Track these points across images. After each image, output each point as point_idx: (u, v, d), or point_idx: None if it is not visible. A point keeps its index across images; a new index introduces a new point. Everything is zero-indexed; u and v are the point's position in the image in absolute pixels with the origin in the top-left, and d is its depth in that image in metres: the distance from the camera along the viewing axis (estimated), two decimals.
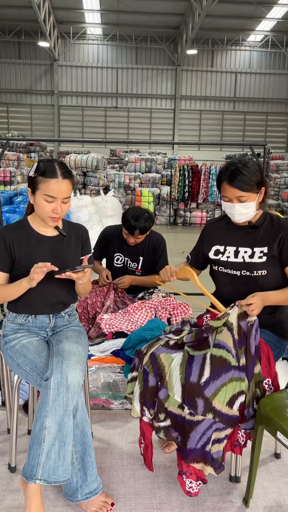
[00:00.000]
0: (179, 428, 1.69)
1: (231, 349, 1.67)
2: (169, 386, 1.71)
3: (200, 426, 1.64)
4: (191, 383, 1.65)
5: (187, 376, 1.67)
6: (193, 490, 1.70)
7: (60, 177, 1.78)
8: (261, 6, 16.92)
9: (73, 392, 1.66)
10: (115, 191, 10.75)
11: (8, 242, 1.84)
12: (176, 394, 1.68)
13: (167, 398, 1.71)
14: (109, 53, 21.72)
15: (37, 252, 1.87)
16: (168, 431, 1.73)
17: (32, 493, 1.64)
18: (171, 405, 1.70)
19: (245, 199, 1.87)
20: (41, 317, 1.93)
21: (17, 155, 11.08)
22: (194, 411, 1.63)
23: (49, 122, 22.15)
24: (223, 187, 1.91)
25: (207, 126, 22.53)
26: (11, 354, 1.85)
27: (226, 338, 1.69)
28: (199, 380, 1.64)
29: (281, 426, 1.56)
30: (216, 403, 1.62)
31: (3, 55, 21.44)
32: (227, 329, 1.70)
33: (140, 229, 2.73)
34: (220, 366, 1.65)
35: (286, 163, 15.27)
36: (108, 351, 2.43)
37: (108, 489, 1.89)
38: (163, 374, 1.74)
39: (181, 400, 1.67)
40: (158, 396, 1.75)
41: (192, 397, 1.63)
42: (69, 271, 1.73)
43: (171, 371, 1.72)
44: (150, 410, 1.78)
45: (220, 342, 1.69)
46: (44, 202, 1.79)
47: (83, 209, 6.67)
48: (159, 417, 1.74)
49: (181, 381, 1.68)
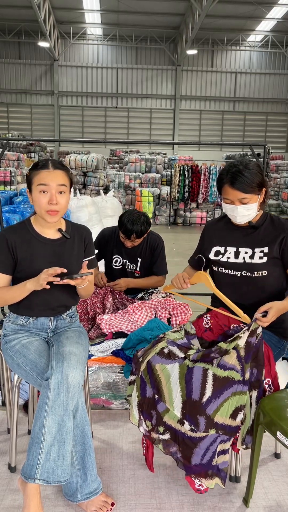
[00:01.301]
0: (180, 444, 1.66)
1: (236, 366, 1.66)
2: (168, 400, 1.68)
3: (203, 442, 1.62)
4: (192, 401, 1.62)
5: (188, 393, 1.64)
6: (203, 487, 1.70)
7: (51, 168, 1.79)
8: (261, 6, 16.92)
9: (73, 392, 1.66)
10: (115, 191, 10.75)
11: (10, 244, 1.83)
12: (176, 409, 1.66)
13: (166, 412, 1.69)
14: (109, 53, 21.72)
15: (39, 254, 1.85)
16: (167, 445, 1.71)
17: (31, 493, 1.64)
18: (170, 419, 1.68)
19: (247, 200, 1.86)
20: (42, 319, 1.93)
21: (17, 155, 11.08)
22: (195, 428, 1.61)
23: (49, 122, 22.15)
24: (224, 189, 1.90)
25: (207, 126, 22.53)
26: (11, 354, 1.85)
27: (231, 359, 1.67)
28: (200, 398, 1.61)
29: (281, 426, 1.56)
30: (218, 418, 1.61)
31: (3, 55, 21.44)
32: (235, 351, 1.68)
33: (137, 233, 2.71)
34: (223, 385, 1.63)
35: (286, 163, 15.27)
36: (108, 351, 2.43)
37: (108, 489, 1.89)
38: (159, 387, 1.71)
39: (181, 416, 1.64)
40: (157, 408, 1.72)
41: (194, 415, 1.61)
42: (67, 279, 1.73)
43: (170, 386, 1.69)
44: (147, 422, 1.76)
45: (225, 364, 1.66)
46: (39, 195, 1.78)
47: (83, 209, 6.66)
48: (158, 429, 1.71)
49: (182, 397, 1.65)
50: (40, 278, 1.71)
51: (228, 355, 1.67)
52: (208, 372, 1.65)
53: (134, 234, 2.71)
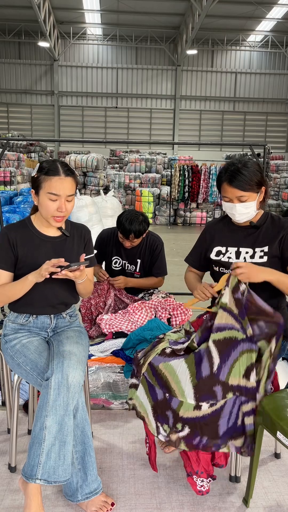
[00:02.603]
0: (203, 428, 1.65)
1: (235, 325, 1.65)
2: (178, 393, 1.67)
3: (224, 410, 1.64)
4: (204, 378, 1.63)
5: (199, 375, 1.64)
6: (205, 488, 1.70)
7: (63, 175, 1.79)
8: (261, 6, 16.92)
9: (74, 392, 1.66)
10: (115, 191, 10.76)
11: (12, 241, 1.84)
12: (189, 397, 1.65)
13: (181, 405, 1.67)
14: (109, 53, 21.73)
15: (40, 252, 1.87)
16: (189, 440, 1.68)
17: (32, 493, 1.64)
18: (186, 411, 1.66)
19: (246, 198, 1.87)
20: (42, 317, 1.93)
21: (17, 155, 11.09)
22: (214, 400, 1.62)
23: (49, 122, 22.15)
24: (223, 187, 1.91)
25: (207, 126, 22.53)
26: (11, 353, 1.85)
27: (225, 319, 1.67)
28: (211, 370, 1.63)
29: (281, 426, 1.56)
30: (232, 380, 1.62)
31: (3, 55, 21.44)
32: (222, 310, 1.69)
33: (135, 232, 2.71)
34: (227, 346, 1.63)
35: (286, 163, 15.28)
36: (108, 351, 2.43)
37: (108, 489, 1.89)
38: (167, 384, 1.70)
39: (195, 401, 1.64)
40: (171, 406, 1.70)
41: (210, 389, 1.62)
42: (65, 270, 1.73)
43: (177, 378, 1.68)
44: (164, 426, 1.73)
45: (219, 325, 1.67)
46: (48, 201, 1.79)
47: (83, 209, 6.67)
48: (177, 427, 1.69)
49: (192, 383, 1.65)
50: (42, 269, 1.73)
51: (217, 316, 1.69)
52: (209, 344, 1.66)
53: (132, 234, 2.71)
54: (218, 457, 1.72)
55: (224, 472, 1.99)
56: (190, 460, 1.72)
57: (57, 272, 1.74)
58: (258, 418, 1.69)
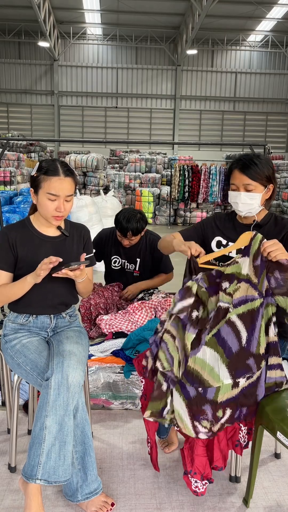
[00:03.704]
0: (242, 402, 1.66)
1: (254, 295, 1.63)
2: (214, 381, 1.63)
3: (260, 379, 1.66)
4: (235, 353, 1.62)
5: (228, 352, 1.62)
6: (199, 490, 1.69)
7: (62, 175, 1.79)
8: (261, 6, 16.91)
9: (74, 392, 1.66)
10: (115, 191, 10.76)
11: (11, 241, 1.85)
12: (225, 378, 1.62)
13: (218, 391, 1.63)
14: (109, 53, 21.72)
15: (39, 252, 1.87)
16: (231, 420, 1.66)
17: (32, 493, 1.64)
18: (225, 394, 1.63)
19: (252, 188, 1.87)
20: (42, 317, 1.93)
21: (17, 155, 11.08)
22: (250, 373, 1.62)
23: (49, 122, 22.14)
24: (233, 174, 1.92)
25: (207, 126, 22.52)
26: (11, 353, 1.85)
27: (246, 290, 1.64)
28: (240, 344, 1.61)
29: (281, 426, 1.56)
30: (261, 349, 1.62)
31: (3, 55, 21.43)
32: (244, 282, 1.64)
33: (133, 230, 2.71)
34: (251, 318, 1.62)
35: (286, 163, 15.28)
36: (108, 351, 2.43)
37: (108, 489, 1.89)
38: (200, 378, 1.64)
39: (232, 379, 1.62)
40: (207, 399, 1.64)
41: (243, 363, 1.61)
42: (65, 269, 1.73)
43: (209, 367, 1.64)
44: (203, 422, 1.65)
45: (241, 299, 1.64)
46: (47, 201, 1.80)
47: (83, 209, 6.66)
48: (218, 416, 1.65)
49: (225, 363, 1.62)
50: (37, 268, 1.73)
51: (238, 291, 1.64)
52: (232, 319, 1.63)
53: (130, 231, 2.71)
54: (217, 460, 1.71)
55: (224, 472, 1.99)
56: (185, 460, 1.71)
57: (57, 270, 1.74)
58: (258, 418, 1.69)
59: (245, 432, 1.76)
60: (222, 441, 1.73)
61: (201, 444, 1.68)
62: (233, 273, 1.67)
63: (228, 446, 1.74)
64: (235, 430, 1.74)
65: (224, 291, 1.68)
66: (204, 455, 1.69)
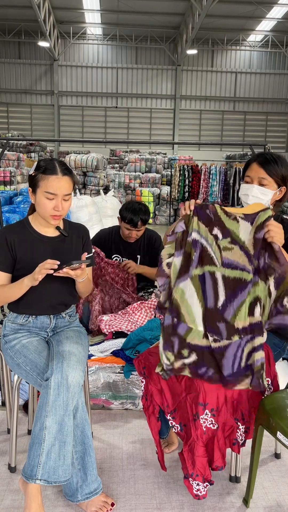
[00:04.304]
0: (208, 361, 1.65)
1: (247, 266, 1.62)
2: (188, 320, 1.65)
3: (228, 351, 1.63)
4: (209, 309, 1.62)
5: (206, 303, 1.63)
6: (201, 493, 1.68)
7: (60, 174, 1.79)
8: (261, 6, 16.91)
9: (73, 392, 1.66)
10: (115, 191, 10.75)
11: (9, 242, 1.84)
12: (199, 325, 1.64)
13: (189, 331, 1.65)
14: (109, 53, 21.71)
15: (38, 252, 1.87)
16: (194, 367, 1.66)
17: (32, 493, 1.64)
18: (195, 338, 1.65)
19: (266, 183, 1.88)
20: (42, 317, 1.93)
21: (17, 155, 11.08)
22: (218, 336, 1.62)
23: (49, 122, 22.14)
24: (250, 166, 1.92)
25: (207, 126, 22.52)
26: (11, 354, 1.85)
27: (239, 257, 1.63)
28: (215, 304, 1.62)
29: (281, 426, 1.56)
30: (238, 324, 1.61)
31: (3, 55, 21.42)
32: (239, 248, 1.64)
33: (142, 220, 2.80)
34: (235, 287, 1.62)
35: None
36: (108, 351, 2.43)
37: (108, 489, 1.89)
38: (178, 309, 1.67)
39: (204, 329, 1.63)
40: (178, 332, 1.67)
41: (213, 323, 1.62)
42: (66, 268, 1.73)
43: (187, 303, 1.66)
44: (168, 353, 1.67)
45: (231, 262, 1.64)
46: (45, 200, 1.79)
47: (83, 209, 6.66)
48: (182, 353, 1.66)
49: (202, 309, 1.64)
50: (35, 273, 1.73)
51: (230, 251, 1.64)
52: (216, 275, 1.63)
53: (140, 221, 2.78)
54: (217, 459, 1.71)
55: (224, 472, 1.99)
56: (186, 463, 1.70)
57: (57, 270, 1.74)
58: (258, 418, 1.69)
59: (243, 430, 1.76)
60: (220, 439, 1.73)
61: (201, 445, 1.68)
62: (229, 228, 1.66)
63: (226, 445, 1.74)
64: (233, 429, 1.74)
65: (215, 238, 1.67)
66: (205, 456, 1.69)
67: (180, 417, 1.74)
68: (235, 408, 1.74)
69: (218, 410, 1.68)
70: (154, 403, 1.82)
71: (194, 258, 1.68)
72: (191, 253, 1.68)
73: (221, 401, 1.69)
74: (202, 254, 1.67)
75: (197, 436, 1.66)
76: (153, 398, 1.81)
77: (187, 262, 1.68)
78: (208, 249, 1.67)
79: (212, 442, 1.71)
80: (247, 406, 1.76)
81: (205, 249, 1.67)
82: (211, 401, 1.67)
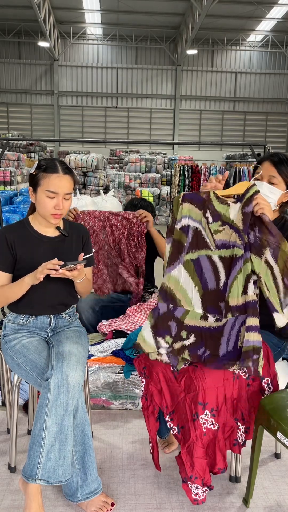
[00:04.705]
0: (206, 341, 1.67)
1: (236, 242, 1.64)
2: (185, 302, 1.68)
3: (225, 329, 1.65)
4: (211, 290, 1.65)
5: (204, 285, 1.66)
6: (200, 497, 1.66)
7: (61, 172, 1.80)
8: (261, 6, 16.91)
9: (73, 392, 1.66)
10: (115, 191, 10.74)
11: (9, 242, 1.84)
12: (196, 306, 1.67)
13: (186, 314, 1.69)
14: (109, 53, 21.71)
15: (38, 252, 1.87)
16: (193, 349, 1.68)
17: (32, 493, 1.64)
18: (192, 320, 1.68)
19: (276, 182, 1.89)
20: (42, 317, 1.93)
21: (17, 155, 11.08)
22: (219, 316, 1.65)
23: (49, 122, 22.14)
24: (262, 164, 1.94)
25: (207, 126, 22.52)
26: (11, 354, 1.85)
27: (230, 236, 1.65)
28: (217, 285, 1.65)
29: (281, 426, 1.56)
30: (231, 301, 1.62)
31: (3, 55, 21.42)
32: (229, 227, 1.66)
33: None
34: (230, 265, 1.64)
35: None
36: (108, 351, 2.43)
37: (108, 489, 1.89)
38: (172, 296, 1.70)
39: (203, 311, 1.67)
40: (175, 316, 1.70)
41: (215, 303, 1.65)
42: (62, 269, 1.73)
43: (183, 288, 1.69)
44: (166, 337, 1.70)
45: (224, 242, 1.66)
46: (45, 199, 1.80)
47: (83, 209, 6.67)
48: (181, 335, 1.69)
49: (199, 292, 1.66)
50: (37, 272, 1.73)
51: (221, 233, 1.66)
52: (214, 258, 1.67)
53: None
54: (219, 462, 1.70)
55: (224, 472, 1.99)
56: (184, 465, 1.69)
57: (52, 273, 1.73)
58: (258, 418, 1.69)
59: (243, 431, 1.76)
60: (221, 440, 1.73)
61: (201, 446, 1.67)
62: (219, 212, 1.68)
63: (226, 446, 1.74)
64: (233, 429, 1.74)
65: (207, 221, 1.69)
66: (204, 458, 1.68)
67: (178, 419, 1.74)
68: (235, 408, 1.74)
69: (218, 410, 1.68)
70: (154, 403, 1.82)
71: (186, 244, 1.71)
72: (180, 239, 1.72)
73: (220, 401, 1.69)
74: (197, 239, 1.71)
75: (197, 436, 1.66)
76: (153, 398, 1.81)
77: (177, 249, 1.72)
78: (202, 232, 1.71)
79: (213, 444, 1.70)
80: (246, 405, 1.76)
81: (200, 232, 1.71)
82: (211, 400, 1.67)
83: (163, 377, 1.79)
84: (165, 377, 1.79)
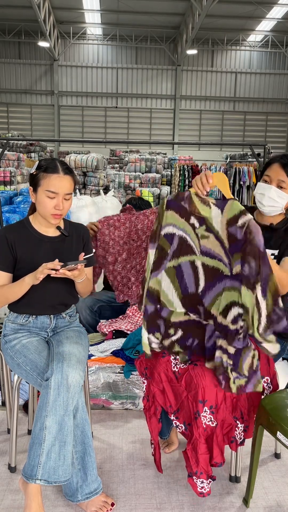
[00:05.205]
0: (193, 332, 1.75)
1: (223, 258, 1.67)
2: (168, 304, 1.76)
3: (207, 328, 1.74)
4: (190, 294, 1.72)
5: (184, 290, 1.73)
6: (205, 490, 1.70)
7: (62, 173, 1.80)
8: (261, 6, 16.91)
9: (74, 392, 1.66)
10: (115, 191, 10.74)
11: (10, 242, 1.84)
12: (178, 308, 1.75)
13: (171, 314, 1.77)
14: (109, 53, 21.72)
15: (38, 252, 1.87)
16: (183, 341, 1.76)
17: (32, 493, 1.64)
18: (177, 317, 1.76)
19: (285, 186, 1.87)
20: (42, 317, 1.93)
21: (17, 155, 11.08)
22: (198, 316, 1.73)
23: (49, 122, 22.14)
24: (271, 166, 1.90)
25: (207, 126, 22.52)
26: (11, 354, 1.85)
27: (215, 247, 1.67)
28: (196, 290, 1.72)
29: (281, 426, 1.56)
30: (213, 311, 1.70)
31: (3, 55, 21.43)
32: (214, 237, 1.67)
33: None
34: (213, 276, 1.69)
35: None
36: (108, 351, 2.43)
37: (108, 489, 1.89)
38: (158, 298, 1.78)
39: (185, 309, 1.75)
40: (162, 315, 1.78)
41: (194, 305, 1.73)
42: (63, 269, 1.73)
43: (164, 293, 1.76)
44: (156, 334, 1.80)
45: (209, 251, 1.69)
46: (46, 199, 1.80)
47: (83, 209, 6.67)
48: (169, 332, 1.78)
49: (178, 296, 1.75)
50: (37, 272, 1.73)
51: (207, 239, 1.69)
52: (196, 263, 1.71)
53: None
54: (216, 456, 1.72)
55: (224, 472, 1.99)
56: (190, 461, 1.71)
57: (52, 273, 1.73)
58: (258, 418, 1.69)
59: (241, 429, 1.76)
60: (219, 436, 1.73)
61: (203, 442, 1.69)
62: (203, 216, 1.68)
63: (224, 441, 1.74)
64: (231, 427, 1.74)
65: (193, 227, 1.70)
66: (207, 453, 1.70)
67: (184, 416, 1.75)
68: (234, 407, 1.74)
69: (217, 407, 1.69)
70: (156, 404, 1.82)
71: (170, 251, 1.75)
72: (164, 247, 1.75)
73: (220, 399, 1.69)
74: (181, 246, 1.74)
75: (199, 434, 1.68)
76: (155, 398, 1.81)
77: (160, 256, 1.76)
78: (187, 239, 1.73)
79: (211, 439, 1.71)
80: (246, 405, 1.76)
81: (185, 240, 1.74)
82: (210, 398, 1.67)
83: (165, 377, 1.79)
84: (166, 377, 1.79)
